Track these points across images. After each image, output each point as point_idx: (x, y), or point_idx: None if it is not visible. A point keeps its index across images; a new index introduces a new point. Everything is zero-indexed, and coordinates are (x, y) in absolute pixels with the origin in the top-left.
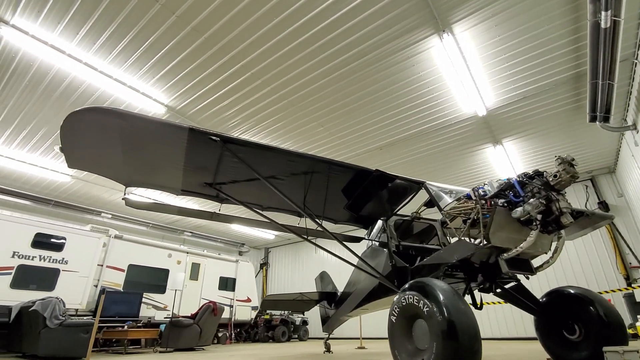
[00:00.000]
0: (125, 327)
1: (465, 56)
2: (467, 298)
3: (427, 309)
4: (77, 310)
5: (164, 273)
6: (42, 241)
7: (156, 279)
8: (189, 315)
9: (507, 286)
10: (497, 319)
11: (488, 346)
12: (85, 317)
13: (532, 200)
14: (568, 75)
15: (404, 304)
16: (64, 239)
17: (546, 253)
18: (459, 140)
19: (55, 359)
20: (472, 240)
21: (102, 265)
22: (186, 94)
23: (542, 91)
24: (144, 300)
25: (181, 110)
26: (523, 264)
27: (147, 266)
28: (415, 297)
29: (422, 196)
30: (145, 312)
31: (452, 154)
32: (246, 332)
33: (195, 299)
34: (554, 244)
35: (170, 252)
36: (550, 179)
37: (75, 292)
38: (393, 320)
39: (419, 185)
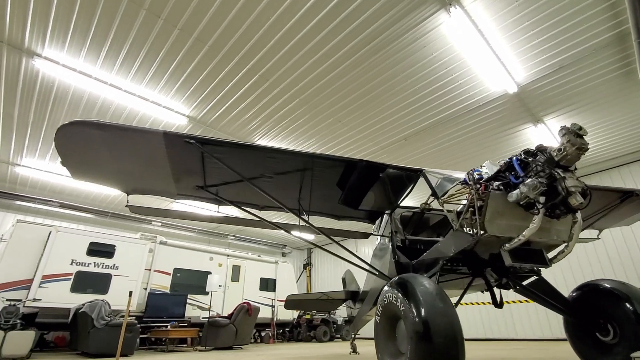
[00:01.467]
0: (169, 327)
1: (481, 29)
2: (475, 295)
3: (404, 308)
4: (129, 311)
5: (207, 275)
6: (95, 249)
7: (200, 281)
8: (226, 315)
9: (527, 282)
10: (529, 318)
11: (510, 348)
12: (133, 318)
13: (528, 180)
14: (608, 37)
15: (385, 302)
16: (114, 246)
17: (565, 242)
18: (492, 123)
19: (103, 356)
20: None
21: (150, 270)
22: (203, 103)
23: (580, 58)
24: (190, 301)
25: (202, 119)
26: (534, 255)
27: (190, 269)
28: (394, 295)
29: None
30: (190, 312)
31: (487, 138)
32: (289, 332)
33: (237, 299)
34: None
35: (212, 256)
36: (554, 154)
37: (126, 294)
38: (377, 320)
39: (417, 173)
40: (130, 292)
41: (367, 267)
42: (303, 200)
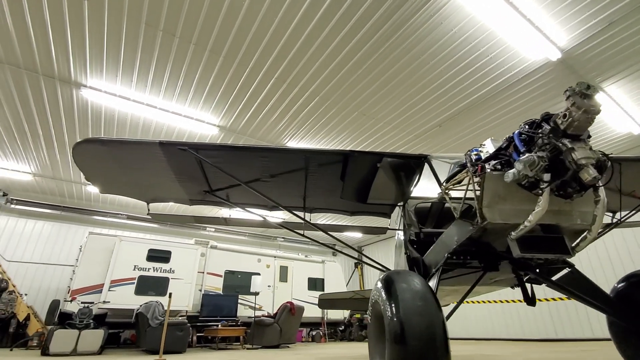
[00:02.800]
0: (219, 325)
1: None
2: (511, 292)
3: (383, 307)
4: (186, 311)
5: (261, 276)
6: (154, 255)
7: (249, 282)
8: (271, 315)
9: (557, 276)
10: (577, 315)
11: (573, 349)
12: (184, 317)
13: (525, 156)
14: None
15: (372, 301)
16: (170, 252)
17: (590, 225)
18: (538, 97)
19: (158, 352)
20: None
21: (203, 273)
22: (229, 111)
23: (631, 11)
24: (240, 301)
25: (232, 128)
26: (551, 244)
27: (240, 271)
28: (377, 293)
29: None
30: (242, 312)
31: (536, 115)
32: (341, 332)
33: (286, 299)
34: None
35: (260, 257)
36: (560, 122)
37: (182, 296)
38: (369, 320)
39: (421, 160)
40: (170, 294)
41: (373, 264)
42: (309, 198)
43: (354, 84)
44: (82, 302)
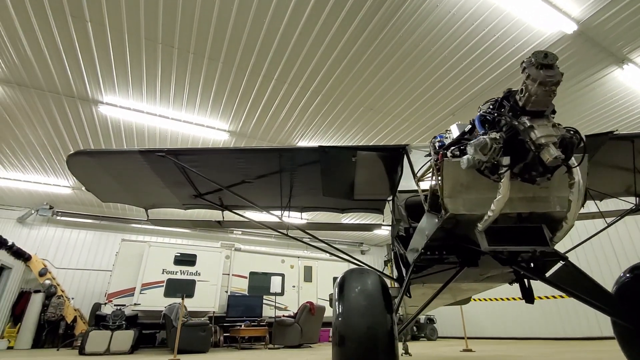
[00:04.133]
0: (242, 326)
1: None
2: (494, 291)
3: (334, 307)
4: (213, 312)
5: (280, 277)
6: (180, 259)
7: None
8: (292, 314)
9: (550, 272)
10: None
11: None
12: (206, 318)
13: (477, 139)
14: None
15: (334, 300)
16: (195, 255)
17: (567, 211)
18: None
19: (180, 351)
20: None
21: (228, 274)
22: (236, 116)
23: None
24: (266, 301)
25: (241, 132)
26: (527, 235)
27: (264, 272)
28: (334, 292)
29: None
30: (267, 312)
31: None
32: None
33: (311, 299)
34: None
35: (283, 258)
36: (518, 98)
37: (208, 298)
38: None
39: (400, 151)
40: (183, 296)
41: (354, 260)
42: (296, 197)
43: (355, 79)
44: (115, 305)
